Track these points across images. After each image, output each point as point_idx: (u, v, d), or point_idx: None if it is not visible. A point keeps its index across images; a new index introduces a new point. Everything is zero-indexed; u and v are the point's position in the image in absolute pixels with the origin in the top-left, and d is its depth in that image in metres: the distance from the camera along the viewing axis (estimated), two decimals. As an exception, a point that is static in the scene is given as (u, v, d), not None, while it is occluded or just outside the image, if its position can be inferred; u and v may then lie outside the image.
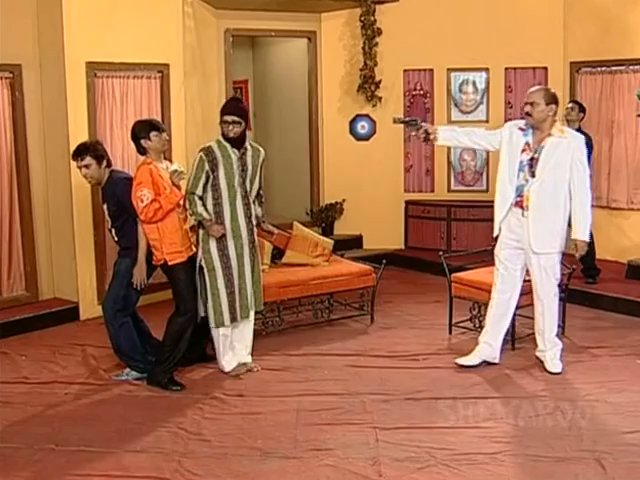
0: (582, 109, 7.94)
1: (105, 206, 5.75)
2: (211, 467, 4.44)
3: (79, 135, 7.08)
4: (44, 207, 7.38)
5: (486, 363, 5.99)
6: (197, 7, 8.57)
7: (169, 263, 5.59)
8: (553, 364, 5.87)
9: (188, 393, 5.53)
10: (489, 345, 6.00)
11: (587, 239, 5.69)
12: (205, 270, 5.72)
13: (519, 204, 5.68)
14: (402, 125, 7.05)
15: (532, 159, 5.61)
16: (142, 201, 5.43)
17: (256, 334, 6.69)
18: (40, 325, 7.01)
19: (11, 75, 7.05)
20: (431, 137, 5.82)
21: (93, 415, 5.18)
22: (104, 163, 5.63)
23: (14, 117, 7.11)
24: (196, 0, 8.53)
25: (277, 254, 7.32)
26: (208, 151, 5.63)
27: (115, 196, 5.61)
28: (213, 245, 5.69)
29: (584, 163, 5.62)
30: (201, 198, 5.64)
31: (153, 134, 5.57)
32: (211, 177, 5.62)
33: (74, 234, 7.18)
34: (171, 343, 5.68)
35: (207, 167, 5.60)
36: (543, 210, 5.60)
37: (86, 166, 5.59)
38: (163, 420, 5.07)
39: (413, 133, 5.96)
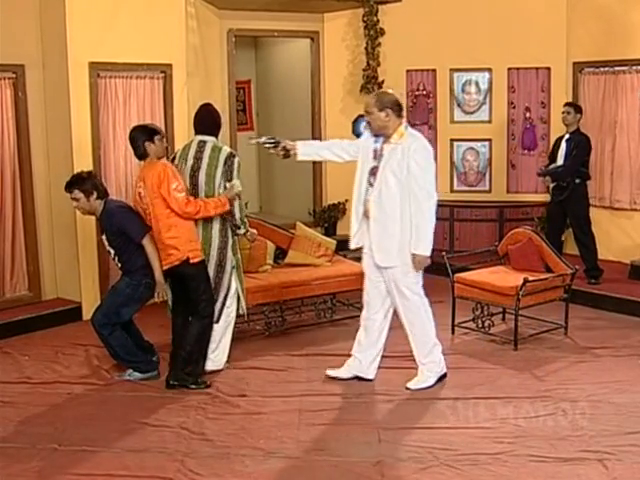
0: (578, 110, 7.92)
1: (104, 237, 5.79)
2: (214, 467, 4.45)
3: (82, 135, 7.11)
4: (47, 207, 7.39)
5: (358, 378, 5.71)
6: (200, 7, 8.58)
7: (192, 260, 5.54)
8: (414, 381, 5.56)
9: (190, 393, 5.53)
10: (359, 360, 5.73)
11: (426, 253, 5.26)
12: (235, 270, 5.86)
13: (366, 214, 5.42)
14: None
15: (374, 167, 5.35)
16: (179, 192, 5.44)
17: (258, 334, 6.72)
18: (43, 325, 7.02)
19: (14, 75, 7.06)
20: (291, 153, 5.61)
21: (96, 415, 5.19)
22: (93, 196, 5.64)
23: (17, 117, 7.12)
24: (199, 0, 8.54)
25: (280, 254, 7.32)
26: None
27: (113, 226, 5.66)
28: (237, 247, 5.89)
29: (423, 167, 5.24)
30: None
31: (157, 138, 5.59)
32: None
33: (77, 234, 7.19)
34: (198, 346, 5.68)
35: None
36: (383, 221, 5.31)
37: (75, 199, 5.66)
38: (166, 420, 5.08)
39: (272, 151, 5.70)
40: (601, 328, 6.99)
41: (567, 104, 8.08)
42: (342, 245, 7.99)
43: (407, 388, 5.54)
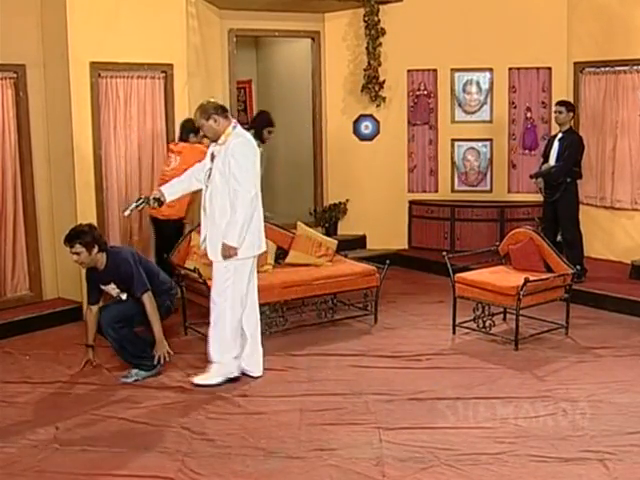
0: (570, 108, 7.89)
1: (112, 286, 5.82)
2: (215, 467, 4.45)
3: (83, 135, 7.11)
4: (48, 207, 7.39)
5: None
6: (201, 7, 8.57)
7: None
8: (202, 376, 5.67)
9: (192, 393, 5.54)
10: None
11: (231, 243, 5.43)
12: None
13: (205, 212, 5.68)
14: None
15: (210, 169, 5.59)
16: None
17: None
18: (44, 325, 7.03)
19: (15, 75, 7.06)
20: (162, 199, 5.80)
21: (97, 415, 5.19)
22: (94, 249, 5.65)
23: (18, 117, 7.13)
24: (200, 0, 8.54)
25: (281, 254, 7.33)
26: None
27: (120, 275, 5.72)
28: None
29: (241, 164, 5.41)
30: None
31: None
32: None
33: (78, 234, 7.18)
34: None
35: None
36: (212, 216, 5.54)
37: (76, 253, 5.65)
38: (167, 420, 5.08)
39: (147, 207, 5.95)
40: (602, 328, 6.99)
41: (558, 103, 8.02)
42: (343, 245, 8.04)
43: (192, 383, 5.64)
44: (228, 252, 5.48)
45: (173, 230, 7.25)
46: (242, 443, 4.74)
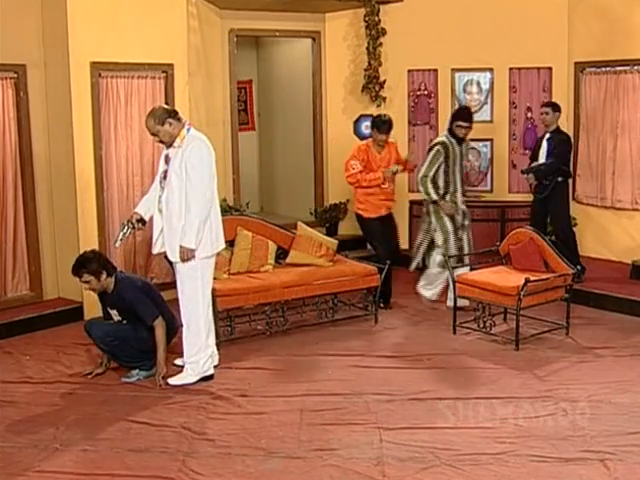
0: (557, 109, 7.93)
1: (114, 311, 5.85)
2: (215, 467, 4.45)
3: (83, 135, 7.10)
4: (48, 207, 7.39)
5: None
6: (201, 7, 8.58)
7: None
8: (177, 376, 5.75)
9: (192, 393, 5.54)
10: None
11: (189, 246, 5.50)
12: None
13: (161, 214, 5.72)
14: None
15: (165, 171, 5.65)
16: (353, 169, 7.49)
17: (260, 334, 6.72)
18: (44, 325, 7.03)
19: (16, 75, 7.06)
20: (145, 217, 5.84)
21: (97, 415, 5.19)
22: (103, 275, 5.67)
23: (18, 117, 7.12)
24: (200, 0, 8.54)
25: (281, 254, 7.32)
26: (444, 145, 7.37)
27: (125, 306, 5.74)
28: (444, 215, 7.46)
29: (196, 167, 5.49)
30: (433, 180, 7.40)
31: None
32: (444, 165, 7.34)
33: (78, 234, 7.18)
34: None
35: (442, 158, 7.37)
36: (169, 218, 5.61)
37: (86, 282, 5.68)
38: (167, 420, 5.08)
39: (130, 232, 5.90)
40: (602, 328, 6.98)
41: (545, 104, 8.06)
42: (344, 245, 8.04)
43: (167, 383, 5.67)
44: (186, 255, 5.54)
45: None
46: (242, 443, 4.74)
